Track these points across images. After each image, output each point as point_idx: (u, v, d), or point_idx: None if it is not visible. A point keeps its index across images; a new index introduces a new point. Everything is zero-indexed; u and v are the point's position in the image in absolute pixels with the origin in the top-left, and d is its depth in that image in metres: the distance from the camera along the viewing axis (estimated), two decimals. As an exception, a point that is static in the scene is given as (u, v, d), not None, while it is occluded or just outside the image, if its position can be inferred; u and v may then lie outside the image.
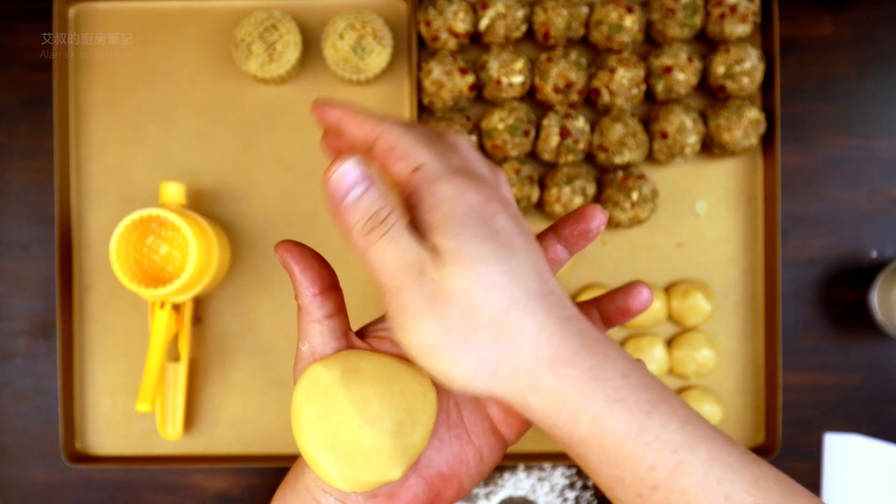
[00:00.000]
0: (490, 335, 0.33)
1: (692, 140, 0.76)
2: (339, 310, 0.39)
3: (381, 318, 0.41)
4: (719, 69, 0.76)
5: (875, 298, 0.77)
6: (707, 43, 0.79)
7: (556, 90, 0.76)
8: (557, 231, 0.41)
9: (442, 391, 0.40)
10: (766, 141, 0.79)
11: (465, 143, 0.39)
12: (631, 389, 0.33)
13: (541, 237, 0.41)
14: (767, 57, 0.77)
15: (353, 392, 0.38)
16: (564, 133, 0.76)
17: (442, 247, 0.33)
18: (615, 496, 0.34)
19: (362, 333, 0.41)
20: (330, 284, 0.39)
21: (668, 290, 0.80)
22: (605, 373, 0.33)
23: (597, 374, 0.33)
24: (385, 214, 0.34)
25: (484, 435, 0.40)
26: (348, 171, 0.34)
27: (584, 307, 0.41)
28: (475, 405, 0.41)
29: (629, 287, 0.41)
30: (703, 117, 0.77)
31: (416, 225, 0.35)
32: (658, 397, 0.33)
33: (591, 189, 0.77)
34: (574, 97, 0.77)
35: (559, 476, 0.80)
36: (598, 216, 0.40)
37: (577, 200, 0.76)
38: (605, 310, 0.41)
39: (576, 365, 0.33)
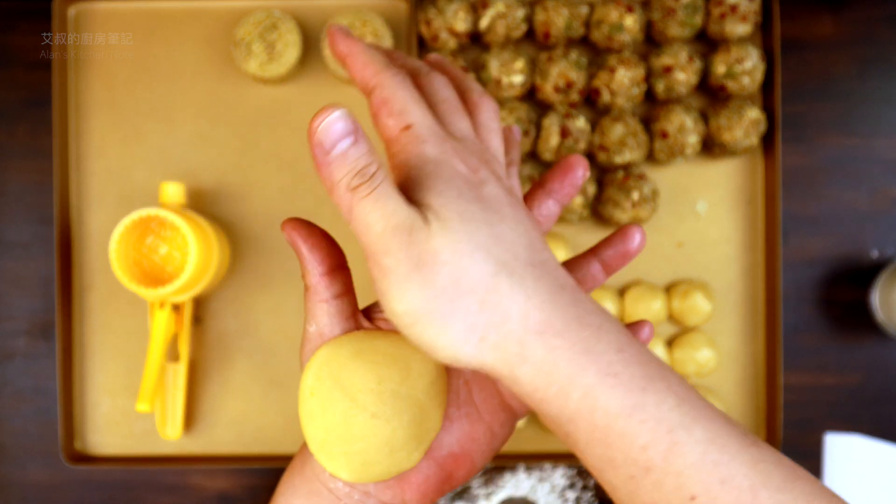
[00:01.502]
0: (477, 300, 0.31)
1: (693, 140, 0.76)
2: (348, 290, 0.38)
3: None
4: (720, 69, 0.76)
5: (876, 298, 0.77)
6: (707, 42, 0.79)
7: (557, 90, 0.76)
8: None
9: (451, 369, 0.39)
10: (767, 141, 0.79)
11: (490, 109, 0.38)
12: (626, 364, 0.31)
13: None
14: (768, 56, 0.77)
15: (367, 375, 0.36)
16: (565, 133, 0.76)
17: (427, 204, 0.32)
18: (605, 479, 0.32)
19: (368, 314, 0.40)
20: (338, 264, 0.38)
21: (668, 290, 0.79)
22: (599, 345, 0.31)
23: (590, 346, 0.31)
24: (372, 171, 0.32)
25: (494, 411, 0.39)
26: (335, 122, 0.32)
27: (583, 259, 0.41)
28: (484, 381, 0.39)
29: (623, 231, 0.40)
30: (704, 117, 0.77)
31: (401, 185, 0.34)
32: (654, 374, 0.31)
33: (591, 189, 0.77)
34: (574, 97, 0.77)
35: (559, 476, 0.80)
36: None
37: (578, 200, 0.76)
38: (605, 257, 0.41)
39: (567, 336, 0.31)
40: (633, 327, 0.41)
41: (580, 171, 0.40)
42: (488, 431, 0.39)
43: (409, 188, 0.33)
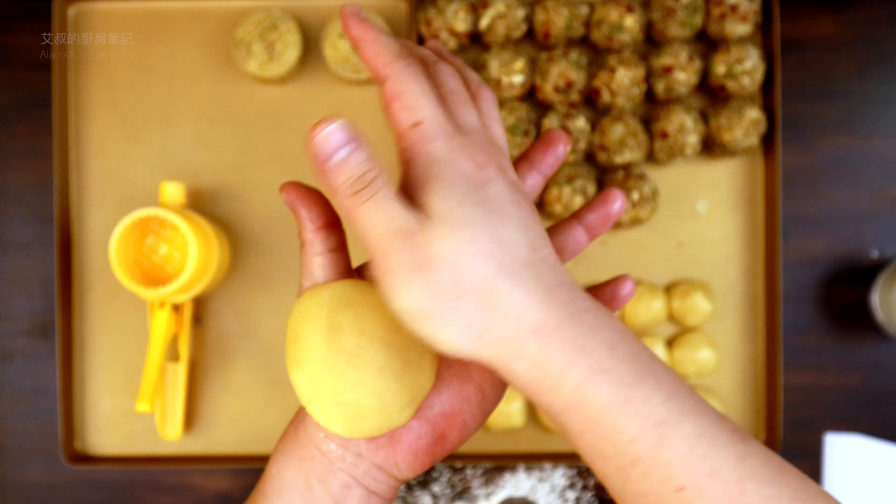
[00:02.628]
0: (477, 301, 0.32)
1: (693, 140, 0.76)
2: (342, 246, 0.40)
3: None
4: (720, 69, 0.76)
5: (876, 298, 0.77)
6: (707, 43, 0.79)
7: (557, 90, 0.76)
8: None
9: None
10: (767, 141, 0.79)
11: (489, 98, 0.39)
12: (617, 360, 0.32)
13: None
14: (768, 57, 0.77)
15: (356, 322, 0.36)
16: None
17: (430, 207, 0.33)
18: (598, 468, 0.33)
19: (362, 271, 0.41)
20: (332, 221, 0.39)
21: (669, 290, 0.79)
22: (592, 342, 0.32)
23: (583, 342, 0.32)
24: (371, 178, 0.33)
25: (483, 370, 0.39)
26: (333, 133, 0.34)
27: (567, 223, 0.42)
28: None
29: (605, 195, 0.42)
30: (704, 117, 0.77)
31: (407, 182, 0.35)
32: (645, 370, 0.33)
33: (591, 189, 0.77)
34: (574, 97, 0.77)
35: (559, 476, 0.80)
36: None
37: (578, 200, 0.76)
38: (587, 222, 0.42)
39: (561, 333, 0.32)
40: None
41: (561, 146, 0.42)
42: (479, 391, 0.40)
43: (415, 187, 0.34)
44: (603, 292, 0.42)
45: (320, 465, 0.39)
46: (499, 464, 0.79)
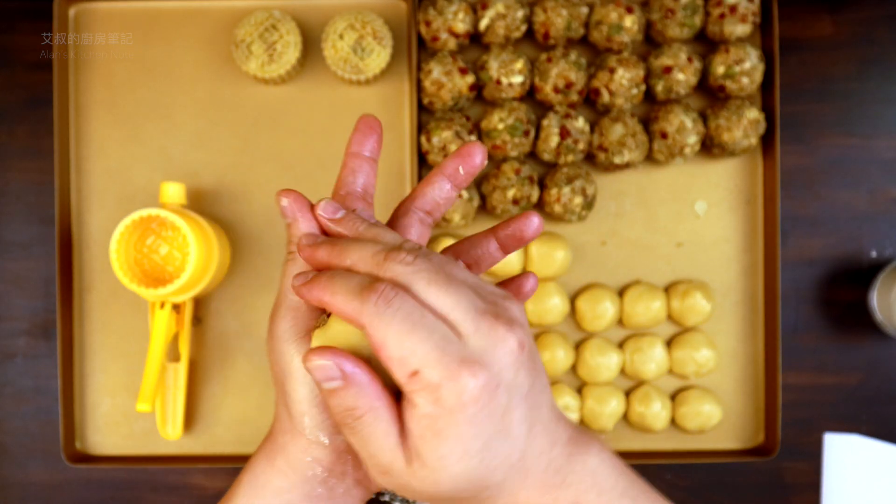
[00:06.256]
0: None
1: (692, 140, 0.76)
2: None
3: None
4: (719, 69, 0.76)
5: (875, 298, 0.77)
6: (707, 43, 0.79)
7: (556, 90, 0.76)
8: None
9: None
10: (766, 141, 0.79)
11: (513, 307, 0.37)
12: None
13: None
14: (767, 57, 0.77)
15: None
16: (564, 133, 0.76)
17: (423, 457, 0.34)
18: None
19: None
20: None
21: (668, 290, 0.80)
22: None
23: None
24: (360, 414, 0.35)
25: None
26: (324, 368, 0.35)
27: (483, 236, 0.43)
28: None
29: (523, 216, 0.43)
30: (703, 117, 0.77)
31: (412, 419, 0.34)
32: None
33: (591, 189, 0.77)
34: (574, 97, 0.77)
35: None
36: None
37: (577, 200, 0.76)
38: (502, 238, 0.43)
39: None
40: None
41: (478, 158, 0.42)
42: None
43: (423, 432, 0.34)
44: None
45: (300, 493, 0.40)
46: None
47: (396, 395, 0.36)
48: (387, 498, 0.68)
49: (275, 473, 0.40)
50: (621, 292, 0.80)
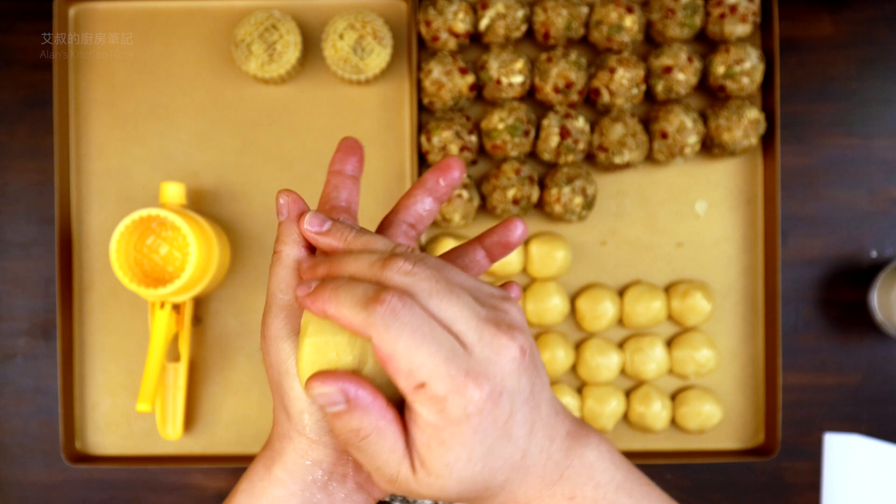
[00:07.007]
0: None
1: (692, 140, 0.76)
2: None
3: None
4: (719, 69, 0.76)
5: (875, 298, 0.77)
6: (707, 43, 0.79)
7: (556, 90, 0.76)
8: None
9: None
10: (766, 141, 0.79)
11: (513, 309, 0.37)
12: None
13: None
14: (767, 57, 0.77)
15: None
16: (564, 133, 0.76)
17: (429, 465, 0.35)
18: None
19: None
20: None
21: (668, 290, 0.80)
22: None
23: None
24: (365, 434, 0.35)
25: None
26: (327, 395, 0.35)
27: (469, 245, 0.43)
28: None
29: (507, 223, 0.43)
30: (703, 117, 0.77)
31: (417, 428, 0.35)
32: None
33: (591, 189, 0.77)
34: (574, 97, 0.77)
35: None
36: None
37: (577, 200, 0.76)
38: (487, 245, 0.43)
39: None
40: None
41: (457, 172, 0.42)
42: None
43: (427, 441, 0.35)
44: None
45: (298, 502, 0.40)
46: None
47: (396, 400, 0.36)
48: (387, 498, 0.68)
49: (272, 482, 0.40)
50: (621, 292, 0.80)
